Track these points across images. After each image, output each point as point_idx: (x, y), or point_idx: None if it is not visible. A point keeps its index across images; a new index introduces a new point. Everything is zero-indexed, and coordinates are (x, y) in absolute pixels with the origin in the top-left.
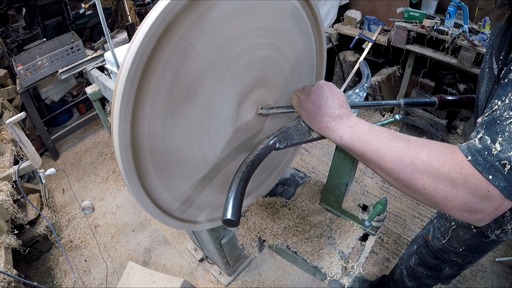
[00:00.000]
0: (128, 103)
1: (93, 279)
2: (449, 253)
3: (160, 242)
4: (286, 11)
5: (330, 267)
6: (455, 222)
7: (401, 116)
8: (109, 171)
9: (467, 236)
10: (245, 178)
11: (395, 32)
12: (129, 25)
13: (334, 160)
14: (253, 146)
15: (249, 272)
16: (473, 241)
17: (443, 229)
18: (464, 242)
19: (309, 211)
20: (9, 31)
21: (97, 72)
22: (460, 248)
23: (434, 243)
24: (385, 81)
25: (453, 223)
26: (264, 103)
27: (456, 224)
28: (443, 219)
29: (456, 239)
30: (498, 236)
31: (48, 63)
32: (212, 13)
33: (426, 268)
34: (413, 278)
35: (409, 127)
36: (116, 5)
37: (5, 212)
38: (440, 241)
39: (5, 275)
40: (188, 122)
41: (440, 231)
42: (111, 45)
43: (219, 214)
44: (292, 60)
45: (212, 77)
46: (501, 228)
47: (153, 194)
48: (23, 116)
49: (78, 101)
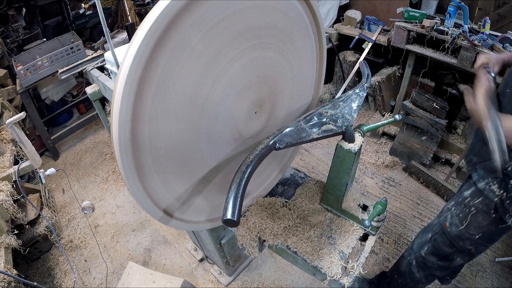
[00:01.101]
0: (128, 103)
1: (93, 279)
2: (465, 241)
3: (160, 242)
4: (286, 11)
5: (330, 267)
6: (475, 208)
7: (401, 116)
8: (109, 171)
9: (486, 221)
10: (245, 178)
11: (395, 32)
12: (129, 25)
13: (334, 160)
14: (253, 146)
15: (249, 272)
16: (490, 227)
17: (462, 215)
18: (482, 229)
19: (309, 211)
20: (9, 31)
21: (97, 72)
22: (477, 235)
23: (451, 229)
24: (385, 81)
25: (473, 209)
26: (264, 103)
27: (476, 209)
28: (462, 205)
29: (474, 225)
30: None
31: (48, 63)
32: (212, 13)
33: (438, 258)
34: (422, 268)
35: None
36: (116, 5)
37: (5, 212)
38: (458, 227)
39: (5, 275)
40: (188, 122)
41: (459, 217)
42: (111, 45)
43: (219, 214)
44: (292, 60)
45: (212, 77)
46: None
47: (153, 194)
48: (23, 116)
49: (78, 101)
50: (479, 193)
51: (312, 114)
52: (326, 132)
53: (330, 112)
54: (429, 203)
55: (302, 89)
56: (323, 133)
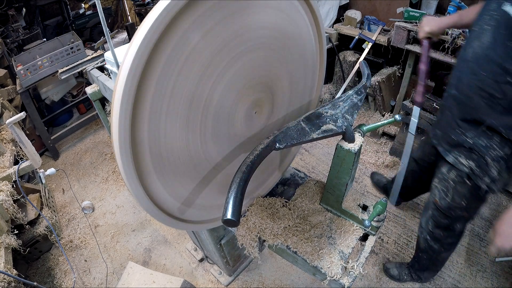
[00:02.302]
0: (128, 103)
1: (93, 279)
2: (456, 210)
3: (160, 242)
4: (286, 11)
5: (330, 267)
6: (452, 180)
7: (401, 116)
8: (109, 171)
9: (465, 190)
10: (245, 178)
11: (395, 32)
12: (129, 25)
13: (334, 160)
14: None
15: (249, 272)
16: (471, 194)
17: (445, 189)
18: (465, 196)
19: (309, 211)
20: (9, 31)
21: (97, 72)
22: (464, 202)
23: (442, 203)
24: (385, 81)
25: (451, 182)
26: (264, 103)
27: (454, 181)
28: (443, 180)
29: (457, 195)
30: (489, 186)
31: (48, 63)
32: (212, 13)
33: (442, 229)
34: (436, 240)
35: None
36: (116, 5)
37: (5, 212)
38: (446, 201)
39: (5, 275)
40: (188, 122)
41: (444, 191)
42: (111, 45)
43: (219, 214)
44: (292, 60)
45: (212, 77)
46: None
47: (153, 194)
48: (23, 116)
49: (78, 101)
50: (451, 167)
51: (312, 114)
52: (326, 132)
53: (330, 112)
54: None
55: (302, 89)
56: (323, 133)
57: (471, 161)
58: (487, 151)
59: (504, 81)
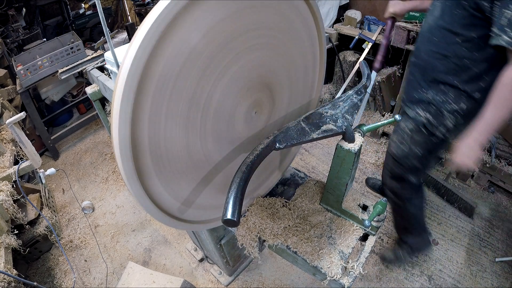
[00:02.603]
0: (128, 103)
1: (93, 279)
2: (410, 159)
3: (160, 242)
4: (286, 11)
5: (330, 267)
6: (409, 130)
7: (401, 116)
8: (109, 171)
9: (421, 138)
10: (245, 178)
11: (395, 32)
12: (129, 25)
13: (334, 160)
14: (253, 146)
15: (249, 272)
16: (426, 141)
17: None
18: (421, 145)
19: (309, 211)
20: (9, 31)
21: (97, 72)
22: (420, 151)
23: (398, 152)
24: (385, 81)
25: (409, 132)
26: (264, 103)
27: (411, 131)
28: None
29: (413, 144)
30: (444, 135)
31: (48, 63)
32: (212, 13)
33: (397, 180)
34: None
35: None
36: (116, 5)
37: (5, 212)
38: (402, 149)
39: (5, 275)
40: (188, 122)
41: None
42: (111, 45)
43: (219, 214)
44: (292, 60)
45: (212, 78)
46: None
47: (153, 194)
48: (23, 116)
49: (78, 101)
50: (410, 119)
51: (312, 114)
52: (326, 132)
53: (330, 112)
54: (429, 203)
55: (302, 89)
56: (323, 133)
57: (428, 113)
58: (443, 105)
59: (453, 41)
